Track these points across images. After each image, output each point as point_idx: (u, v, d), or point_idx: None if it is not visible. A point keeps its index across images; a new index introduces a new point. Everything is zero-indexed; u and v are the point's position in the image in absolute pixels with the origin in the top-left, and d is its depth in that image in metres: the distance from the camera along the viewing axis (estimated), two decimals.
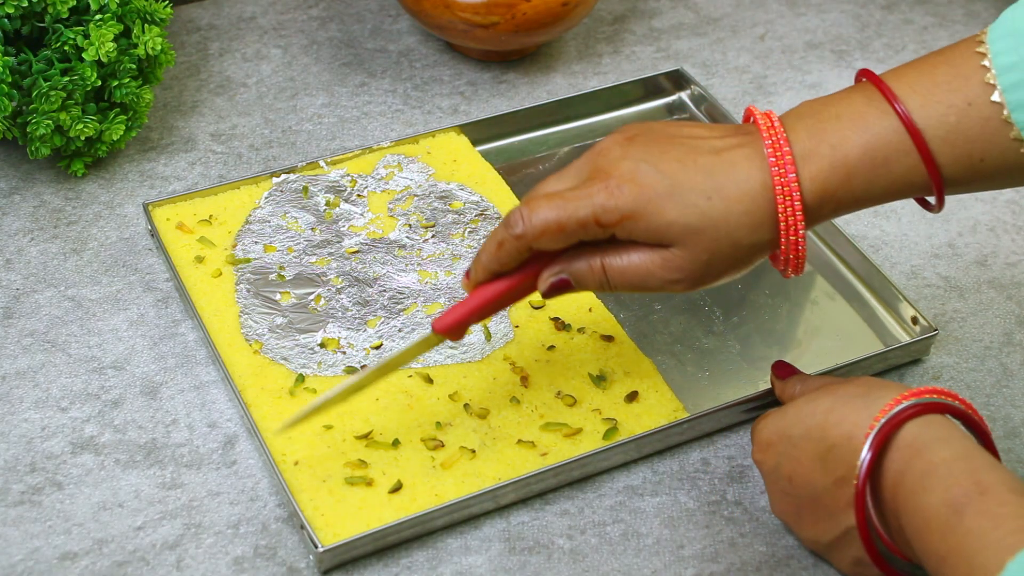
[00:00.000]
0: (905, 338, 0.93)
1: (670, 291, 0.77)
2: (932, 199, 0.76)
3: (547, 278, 0.78)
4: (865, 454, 0.71)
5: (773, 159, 0.74)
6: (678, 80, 1.12)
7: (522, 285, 0.79)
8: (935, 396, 0.73)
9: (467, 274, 0.80)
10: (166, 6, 1.01)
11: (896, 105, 0.73)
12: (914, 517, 0.69)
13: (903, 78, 0.75)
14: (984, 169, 0.74)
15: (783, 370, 0.85)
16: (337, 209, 0.99)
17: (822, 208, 0.75)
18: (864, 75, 0.76)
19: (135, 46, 1.00)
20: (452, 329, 0.80)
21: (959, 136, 0.73)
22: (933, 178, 0.74)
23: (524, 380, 0.88)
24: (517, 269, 0.78)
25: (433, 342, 0.81)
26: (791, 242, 0.75)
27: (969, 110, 0.73)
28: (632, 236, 0.75)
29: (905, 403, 0.72)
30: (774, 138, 0.75)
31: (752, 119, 0.77)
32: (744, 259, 0.76)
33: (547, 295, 0.78)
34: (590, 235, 0.75)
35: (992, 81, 0.72)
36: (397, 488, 0.82)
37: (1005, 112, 0.72)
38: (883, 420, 0.72)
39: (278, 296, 0.93)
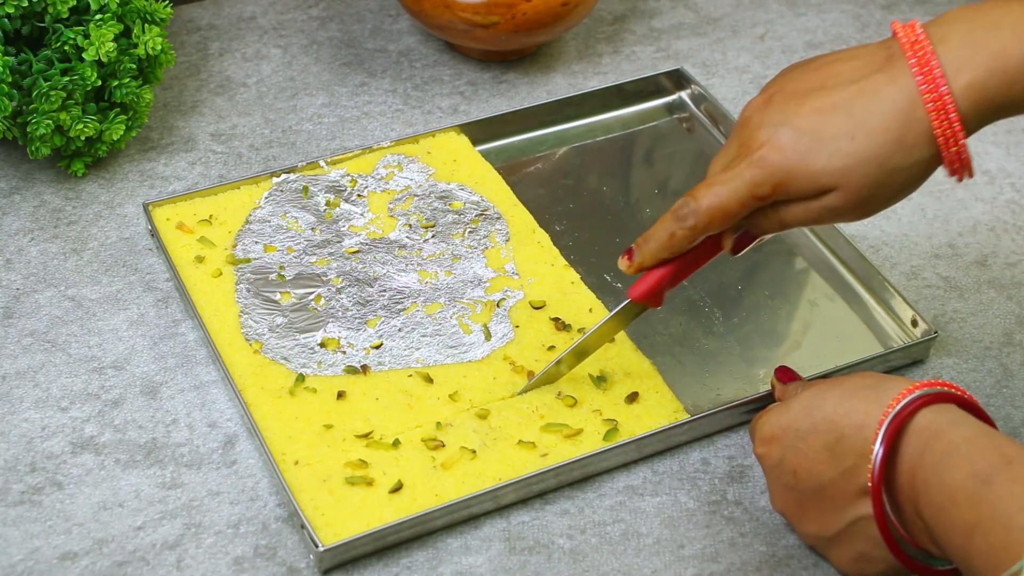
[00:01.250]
0: (905, 339, 0.93)
1: (846, 221, 0.78)
2: None
3: (731, 235, 0.81)
4: (880, 441, 0.72)
5: (920, 76, 0.73)
6: (678, 80, 1.12)
7: (708, 246, 0.81)
8: (943, 387, 0.73)
9: (628, 255, 0.82)
10: (166, 6, 1.01)
11: None
12: (937, 494, 0.69)
13: None
14: None
15: (785, 375, 0.85)
16: (337, 209, 0.99)
17: (982, 116, 0.74)
18: None
19: (135, 46, 0.99)
20: (649, 295, 0.82)
21: None
22: None
23: (531, 376, 0.88)
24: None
25: (632, 311, 0.84)
26: (953, 153, 0.75)
27: None
28: (791, 196, 0.76)
29: (917, 392, 0.73)
30: (920, 54, 0.74)
31: (894, 33, 0.76)
32: (911, 178, 0.76)
33: (735, 251, 0.81)
34: (755, 207, 0.78)
35: None
36: (397, 488, 0.82)
37: None
38: (896, 408, 0.72)
39: (278, 296, 0.93)
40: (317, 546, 0.78)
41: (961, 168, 0.75)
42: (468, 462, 0.84)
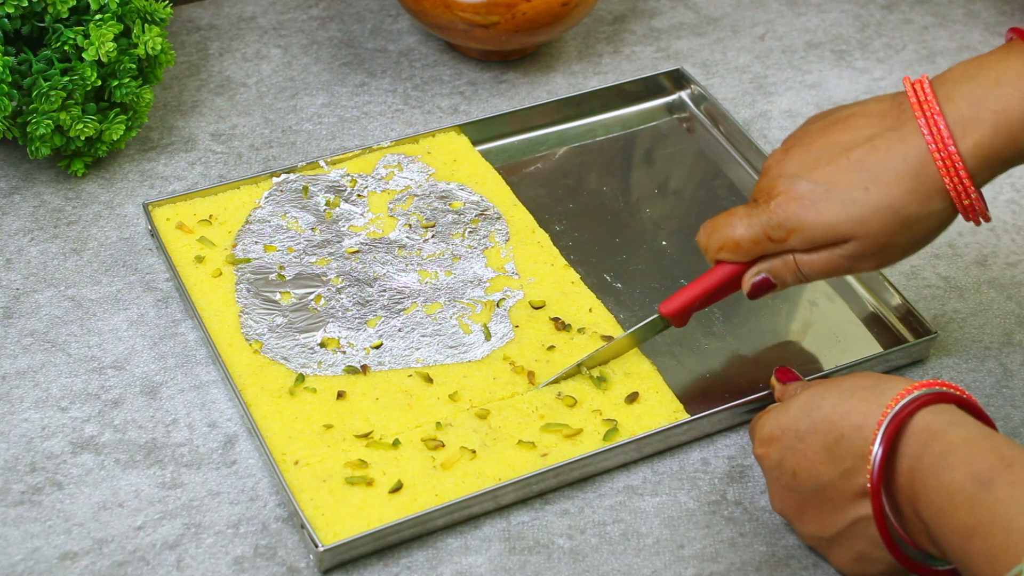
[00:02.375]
0: (905, 339, 0.93)
1: (866, 270, 0.81)
2: None
3: (749, 279, 0.84)
4: (879, 441, 0.72)
5: (929, 136, 0.76)
6: (678, 80, 1.12)
7: (734, 279, 0.85)
8: (943, 388, 0.73)
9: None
10: (166, 6, 1.01)
11: None
12: (936, 496, 0.69)
13: None
14: None
15: (785, 375, 0.85)
16: (337, 209, 0.99)
17: (990, 170, 0.77)
18: (1015, 33, 0.78)
19: (135, 46, 0.99)
20: (677, 312, 0.86)
21: None
22: None
23: (531, 376, 0.88)
24: (720, 268, 0.85)
25: (657, 326, 0.88)
26: (967, 206, 0.77)
27: None
28: (806, 244, 0.80)
29: (916, 392, 0.73)
30: (928, 112, 0.77)
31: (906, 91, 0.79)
32: (929, 228, 0.79)
33: (752, 295, 0.84)
34: (768, 249, 0.82)
35: None
36: (397, 488, 0.82)
37: None
38: (895, 408, 0.72)
39: (278, 296, 0.93)
40: (317, 546, 0.78)
41: (976, 215, 0.78)
42: (468, 462, 0.84)
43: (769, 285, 0.84)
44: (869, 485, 0.72)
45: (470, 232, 0.98)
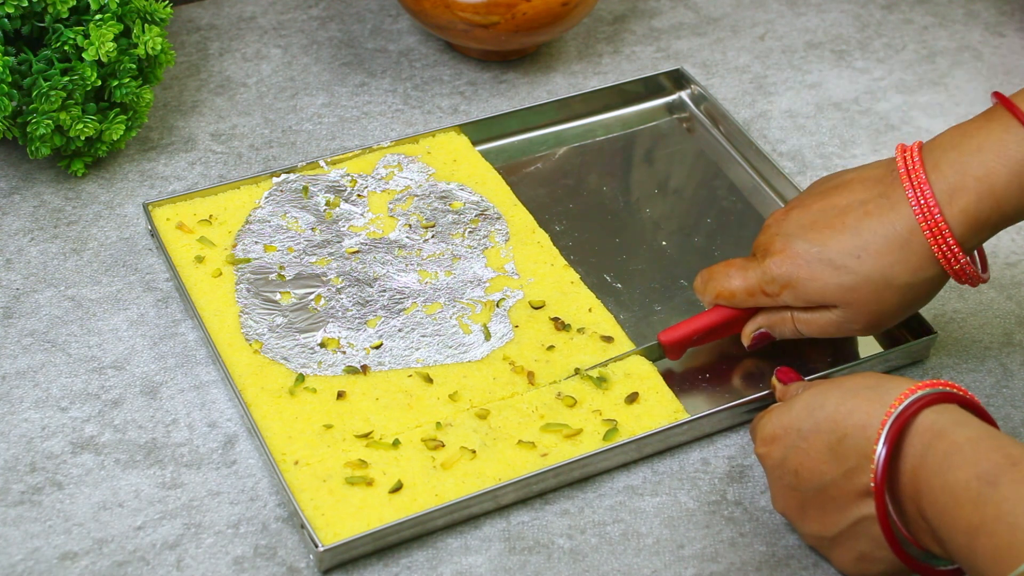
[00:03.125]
0: (905, 339, 0.93)
1: (860, 335, 0.86)
2: None
3: (749, 332, 0.88)
4: (883, 441, 0.72)
5: (916, 205, 0.79)
6: (678, 80, 1.12)
7: (732, 324, 0.88)
8: (945, 388, 0.73)
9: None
10: (166, 6, 1.01)
11: None
12: (940, 495, 0.69)
13: None
14: None
15: (786, 375, 0.85)
16: (337, 209, 0.99)
17: (978, 235, 0.80)
18: (997, 97, 0.80)
19: (135, 46, 1.00)
20: (674, 343, 0.89)
21: None
22: None
23: (531, 376, 0.88)
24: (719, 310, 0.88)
25: (654, 352, 0.90)
26: (957, 270, 0.80)
27: None
28: (798, 302, 0.83)
29: (919, 392, 0.73)
30: (915, 181, 0.79)
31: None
32: (921, 294, 0.82)
33: (751, 347, 0.88)
34: (761, 302, 0.85)
35: None
36: (397, 488, 0.82)
37: None
38: (899, 408, 0.72)
39: (278, 296, 0.93)
40: (317, 546, 0.78)
41: (969, 279, 0.81)
42: (468, 462, 0.84)
43: (767, 338, 0.87)
44: (873, 485, 0.72)
45: (470, 232, 0.98)
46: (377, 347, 0.90)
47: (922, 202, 0.79)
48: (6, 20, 0.95)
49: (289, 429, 0.85)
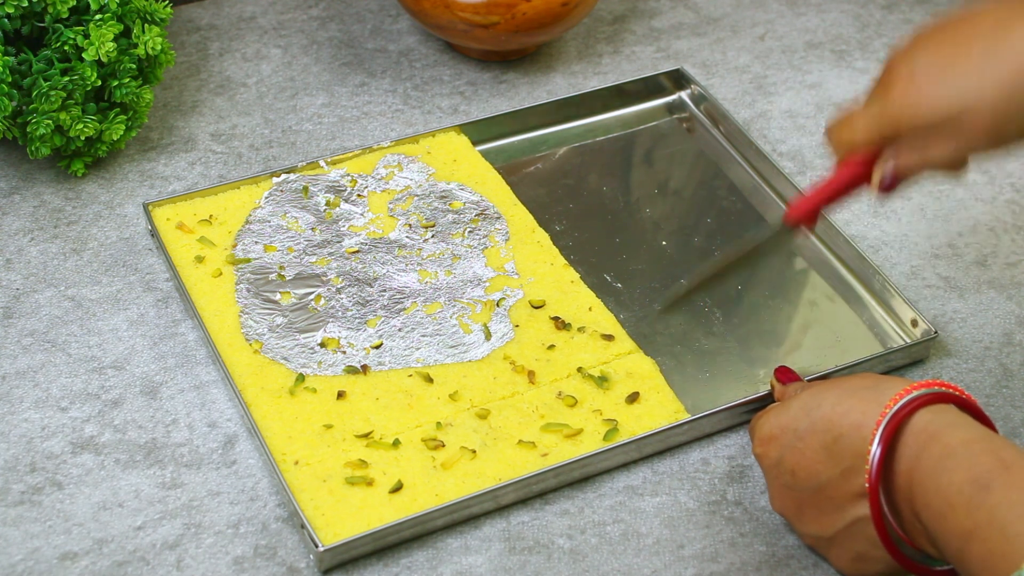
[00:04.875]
0: (905, 339, 0.93)
1: (981, 152, 0.77)
2: None
3: (878, 173, 0.79)
4: (877, 441, 0.72)
5: None
6: (678, 80, 1.12)
7: (857, 175, 0.81)
8: (942, 388, 0.73)
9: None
10: (166, 6, 1.01)
11: None
12: (934, 498, 0.69)
13: None
14: None
15: (785, 375, 0.85)
16: (337, 209, 0.99)
17: None
18: None
19: (135, 46, 0.99)
20: (806, 216, 0.83)
21: None
22: None
23: (531, 376, 0.88)
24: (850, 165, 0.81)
25: (787, 235, 0.85)
26: None
27: None
28: (924, 121, 0.76)
29: (915, 392, 0.72)
30: None
31: None
32: None
33: (882, 192, 0.80)
34: (887, 132, 0.77)
35: None
36: (397, 488, 0.82)
37: None
38: (894, 408, 0.72)
39: (278, 296, 0.93)
40: (317, 546, 0.78)
41: None
42: (468, 462, 0.84)
43: (897, 178, 0.80)
44: (867, 485, 0.72)
45: (470, 232, 0.98)
46: (377, 347, 0.90)
47: None
48: (6, 20, 0.95)
49: (289, 429, 0.85)
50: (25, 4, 0.95)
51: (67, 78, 0.96)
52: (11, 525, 0.81)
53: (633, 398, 0.88)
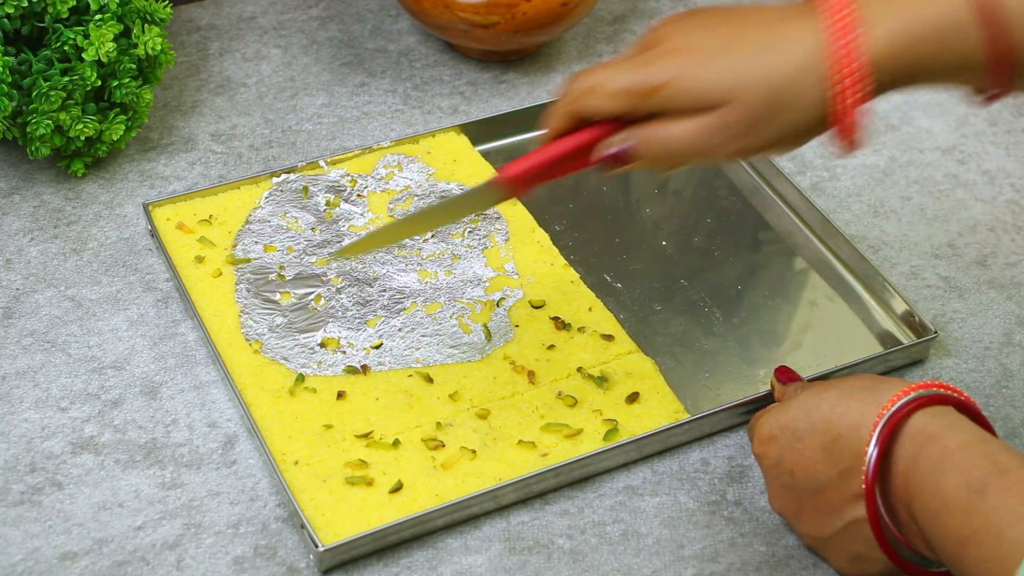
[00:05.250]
0: (905, 340, 0.93)
1: (720, 158, 0.75)
2: (982, 94, 0.74)
3: (601, 148, 0.77)
4: (875, 442, 0.72)
5: (836, 21, 0.72)
6: None
7: (582, 147, 0.77)
8: (940, 389, 0.73)
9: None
10: (166, 6, 1.01)
11: None
12: (931, 501, 0.69)
13: None
14: None
15: (785, 375, 0.85)
16: (337, 209, 0.99)
17: (880, 75, 0.72)
18: None
19: (135, 46, 0.99)
20: (518, 179, 0.78)
21: None
22: (1004, 56, 0.72)
23: (531, 376, 0.88)
24: (580, 132, 0.77)
25: (493, 195, 0.80)
26: (839, 111, 0.73)
27: None
28: (673, 105, 0.74)
29: (913, 394, 0.72)
30: (840, 3, 0.72)
31: None
32: (795, 124, 0.73)
33: (605, 167, 0.77)
34: (632, 103, 0.75)
35: None
36: (397, 488, 0.82)
37: None
38: (892, 409, 0.72)
39: (278, 296, 0.93)
40: (317, 546, 0.78)
41: (847, 132, 0.73)
42: (468, 462, 0.84)
43: (624, 157, 0.76)
44: (864, 486, 0.72)
45: (470, 232, 0.98)
46: (377, 347, 0.90)
47: (842, 16, 0.72)
48: (6, 20, 0.95)
49: (289, 429, 0.85)
50: (25, 4, 0.95)
51: (67, 78, 0.96)
52: (11, 525, 0.81)
53: (633, 398, 0.88)
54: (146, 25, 1.00)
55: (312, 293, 0.93)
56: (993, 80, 0.73)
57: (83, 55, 0.96)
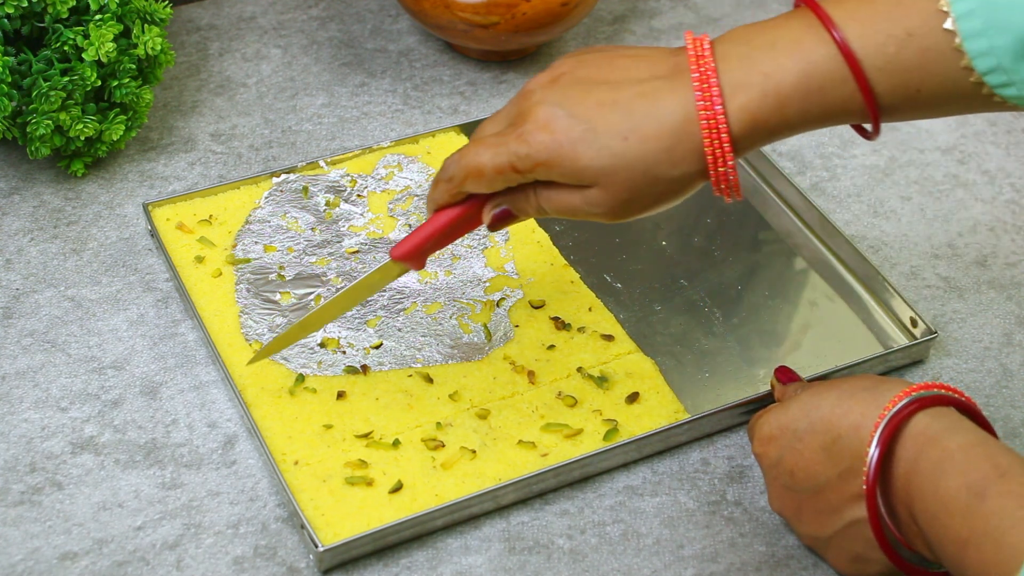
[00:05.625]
0: (905, 340, 0.93)
1: (599, 220, 0.77)
2: (868, 127, 0.74)
3: (489, 210, 0.79)
4: (876, 443, 0.71)
5: (699, 92, 0.72)
6: None
7: (469, 214, 0.80)
8: (941, 391, 0.73)
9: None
10: (166, 6, 1.01)
11: (834, 32, 0.71)
12: (931, 503, 0.69)
13: (842, 4, 0.72)
14: (921, 99, 0.72)
15: (785, 375, 0.85)
16: (337, 209, 0.99)
17: (752, 138, 0.73)
18: (802, 1, 0.74)
19: (135, 46, 1.00)
20: (410, 255, 0.81)
21: (897, 66, 0.71)
22: (870, 107, 0.72)
23: (531, 376, 0.88)
24: (465, 201, 0.80)
25: (393, 271, 0.83)
26: (720, 173, 0.74)
27: (909, 40, 0.71)
28: (551, 179, 0.75)
29: (914, 395, 0.72)
30: (702, 69, 0.73)
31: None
32: (671, 191, 0.75)
33: (492, 227, 0.80)
34: (512, 181, 0.76)
35: (946, 8, 0.70)
36: (397, 488, 0.82)
37: (957, 40, 0.70)
38: (893, 410, 0.72)
39: (278, 296, 0.93)
40: (317, 546, 0.78)
41: (728, 189, 0.75)
42: (468, 462, 0.84)
43: (509, 217, 0.79)
44: (865, 486, 0.72)
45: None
46: (377, 347, 0.90)
47: (705, 89, 0.72)
48: (6, 20, 0.95)
49: (289, 429, 0.85)
50: (25, 4, 0.95)
51: (67, 78, 0.96)
52: (11, 525, 0.81)
53: (633, 398, 0.88)
54: (146, 25, 1.00)
55: (312, 293, 0.93)
56: (876, 121, 0.73)
57: (83, 55, 0.96)
